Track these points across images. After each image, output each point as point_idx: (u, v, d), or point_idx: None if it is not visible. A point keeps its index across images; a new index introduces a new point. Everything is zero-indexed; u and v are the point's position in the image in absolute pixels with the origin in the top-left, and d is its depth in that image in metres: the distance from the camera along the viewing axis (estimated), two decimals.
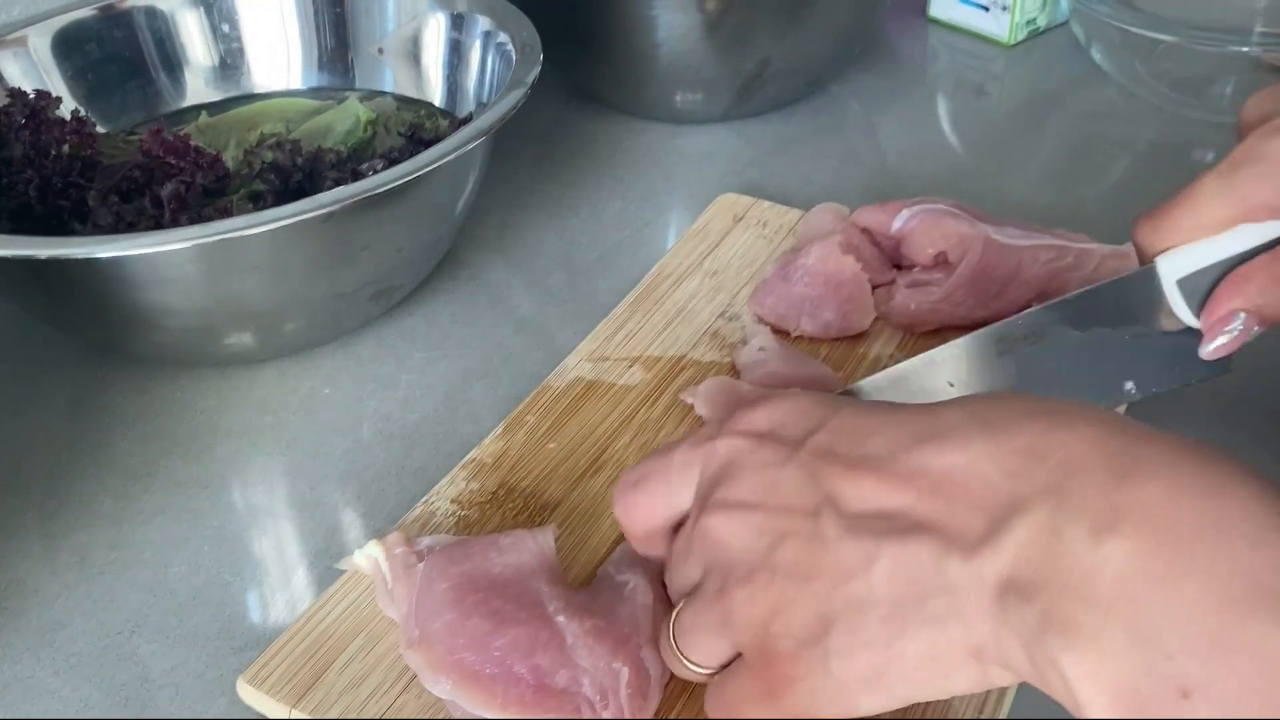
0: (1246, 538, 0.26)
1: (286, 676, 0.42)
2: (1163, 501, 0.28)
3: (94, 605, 0.47)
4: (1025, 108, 0.83)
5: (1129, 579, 0.27)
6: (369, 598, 0.44)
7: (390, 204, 0.53)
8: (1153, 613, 0.27)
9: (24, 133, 0.60)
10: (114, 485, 0.53)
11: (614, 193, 0.73)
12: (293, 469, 0.53)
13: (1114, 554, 0.27)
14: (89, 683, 0.44)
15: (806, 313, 0.57)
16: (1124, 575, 0.27)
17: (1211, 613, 0.26)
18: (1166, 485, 0.28)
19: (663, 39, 0.73)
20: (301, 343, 0.59)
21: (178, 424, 0.56)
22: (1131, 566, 0.27)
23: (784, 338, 0.58)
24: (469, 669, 0.39)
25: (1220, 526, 0.27)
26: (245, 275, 0.51)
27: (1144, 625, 0.27)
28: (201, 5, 0.71)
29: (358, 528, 0.50)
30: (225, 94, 0.72)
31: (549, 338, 0.61)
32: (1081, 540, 0.28)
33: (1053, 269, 0.58)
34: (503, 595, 0.41)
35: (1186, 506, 0.27)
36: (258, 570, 0.48)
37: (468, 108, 0.68)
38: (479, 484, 0.50)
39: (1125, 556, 0.27)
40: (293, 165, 0.59)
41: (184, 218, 0.57)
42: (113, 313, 0.53)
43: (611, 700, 0.39)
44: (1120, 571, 0.27)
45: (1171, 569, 0.27)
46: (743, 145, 0.78)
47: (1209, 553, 0.27)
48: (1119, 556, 0.27)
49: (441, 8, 0.69)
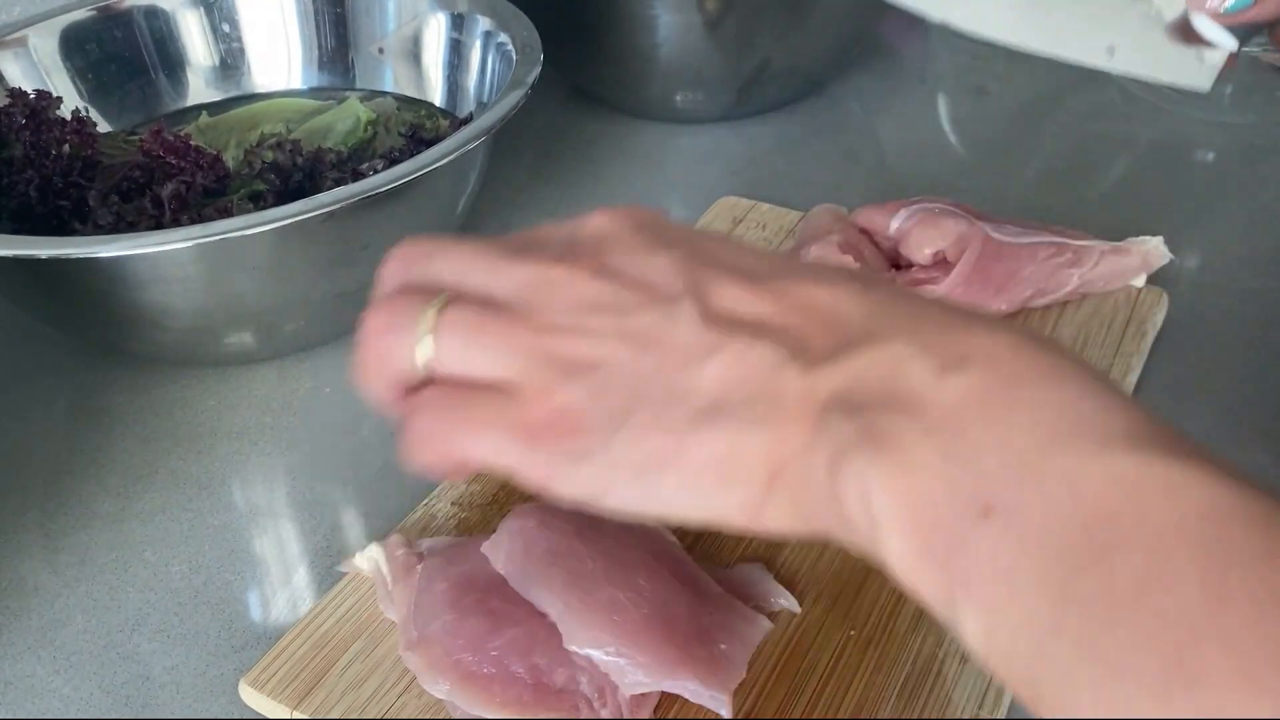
0: (1076, 384, 0.27)
1: (288, 678, 0.42)
2: (1008, 351, 0.29)
3: (95, 604, 0.47)
4: (1025, 108, 0.83)
5: (961, 409, 0.28)
6: (370, 600, 0.44)
7: (390, 204, 0.53)
8: (974, 437, 0.27)
9: (24, 133, 0.60)
10: (114, 485, 0.53)
11: (614, 193, 0.73)
12: (293, 468, 0.53)
13: (953, 387, 0.28)
14: (90, 681, 0.44)
15: None
16: (957, 406, 0.28)
17: (1032, 444, 0.26)
18: (1014, 341, 0.29)
19: (663, 39, 0.73)
20: (301, 343, 0.59)
21: (178, 424, 0.56)
22: (966, 399, 0.28)
23: None
24: (467, 669, 0.40)
25: (1056, 374, 0.28)
26: (245, 275, 0.52)
27: (962, 448, 0.27)
28: (202, 5, 0.71)
29: (358, 527, 0.50)
30: (225, 94, 0.72)
31: None
32: (925, 374, 0.28)
33: (1051, 266, 0.58)
34: (501, 595, 0.41)
35: (1027, 358, 0.28)
36: (258, 569, 0.48)
37: (468, 108, 0.68)
38: (479, 486, 0.50)
39: (962, 390, 0.28)
40: (293, 165, 0.59)
41: (184, 218, 0.57)
42: (113, 313, 0.53)
43: (610, 699, 0.39)
44: (954, 402, 0.28)
45: (1003, 403, 0.27)
46: (743, 145, 0.78)
47: (1041, 394, 0.27)
48: (957, 390, 0.28)
49: (442, 8, 0.69)
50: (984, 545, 0.26)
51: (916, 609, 0.44)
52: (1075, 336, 0.57)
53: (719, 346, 0.31)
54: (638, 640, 0.39)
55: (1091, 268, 0.59)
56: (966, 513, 0.26)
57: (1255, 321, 0.60)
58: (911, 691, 0.41)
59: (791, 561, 0.46)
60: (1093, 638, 0.24)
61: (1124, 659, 0.23)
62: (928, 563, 0.27)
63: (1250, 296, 0.61)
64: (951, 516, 0.26)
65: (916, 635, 0.43)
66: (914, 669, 0.42)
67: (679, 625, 0.40)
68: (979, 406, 0.27)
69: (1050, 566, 0.25)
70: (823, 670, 0.42)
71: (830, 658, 0.42)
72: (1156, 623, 0.23)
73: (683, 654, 0.39)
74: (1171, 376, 0.56)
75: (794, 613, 0.44)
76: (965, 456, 0.27)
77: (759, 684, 0.41)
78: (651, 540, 0.43)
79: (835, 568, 0.46)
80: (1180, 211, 0.69)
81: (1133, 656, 0.23)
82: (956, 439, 0.27)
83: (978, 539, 0.26)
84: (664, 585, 0.40)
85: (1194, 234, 0.66)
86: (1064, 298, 0.59)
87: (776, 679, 0.41)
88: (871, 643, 0.43)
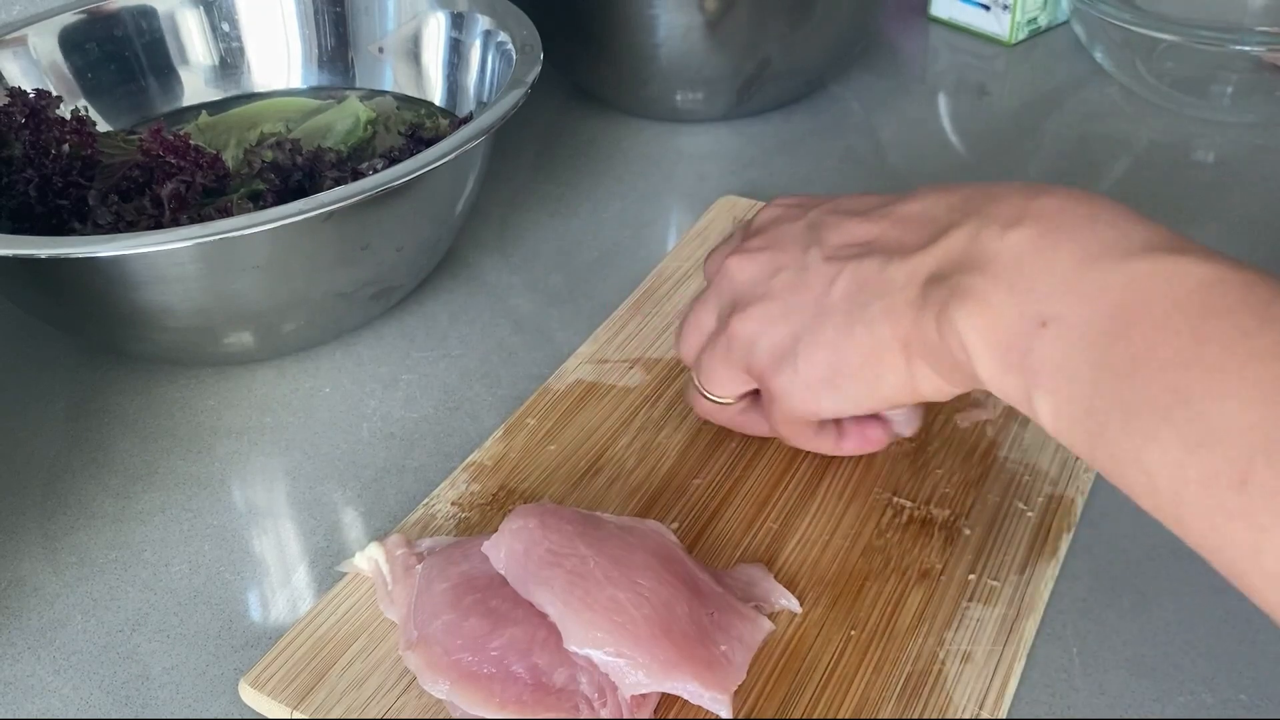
0: (1108, 218, 0.36)
1: (288, 678, 0.42)
2: (1055, 206, 0.37)
3: (94, 604, 0.47)
4: (1026, 107, 0.83)
5: (1020, 255, 0.36)
6: (370, 600, 0.44)
7: (390, 203, 0.53)
8: (1029, 272, 0.35)
9: (24, 132, 0.60)
10: (114, 485, 0.53)
11: (614, 193, 0.73)
12: (293, 468, 0.53)
13: (1013, 240, 0.36)
14: (89, 681, 0.44)
15: None
16: (1017, 254, 0.36)
17: (1072, 266, 0.35)
18: (1060, 198, 0.37)
19: (663, 39, 0.73)
20: (301, 343, 0.59)
21: (178, 424, 0.56)
22: (1023, 247, 0.36)
23: None
24: (466, 669, 0.40)
25: (1091, 215, 0.36)
26: (245, 275, 0.52)
27: (1021, 282, 0.36)
28: (201, 5, 0.71)
29: (358, 527, 0.50)
30: (225, 93, 0.72)
31: (549, 337, 0.61)
32: (992, 235, 0.37)
33: None
34: (501, 595, 0.41)
35: (1070, 208, 0.36)
36: (258, 569, 0.48)
37: (468, 107, 0.68)
38: (480, 486, 0.50)
39: (1020, 241, 0.36)
40: (293, 165, 0.59)
41: (184, 217, 0.57)
42: (113, 313, 0.53)
43: (610, 699, 0.39)
44: (1015, 251, 0.36)
45: (1050, 244, 0.36)
46: (743, 145, 0.78)
47: (1080, 232, 0.35)
48: (1018, 242, 0.36)
49: (442, 7, 0.69)
50: (1044, 349, 0.34)
51: (917, 609, 0.44)
52: None
53: (839, 272, 0.41)
54: (638, 641, 0.39)
55: None
56: (1029, 328, 0.35)
57: None
58: (911, 691, 0.41)
59: (791, 561, 0.46)
60: (1120, 393, 0.32)
61: (1141, 400, 0.32)
62: (1007, 372, 0.36)
63: None
64: (1019, 334, 0.35)
65: (916, 635, 0.43)
66: (914, 669, 0.42)
67: (679, 626, 0.40)
68: (1033, 250, 0.36)
69: (1092, 353, 0.33)
70: (823, 670, 0.42)
71: (830, 658, 0.42)
72: (1159, 369, 0.32)
73: (683, 655, 0.39)
74: None
75: (794, 613, 0.44)
76: (1024, 287, 0.35)
77: (759, 684, 0.41)
78: (652, 540, 0.43)
79: (835, 568, 0.46)
80: (1180, 211, 0.69)
81: (1146, 395, 0.32)
82: (1017, 276, 0.36)
83: (1039, 345, 0.35)
84: (664, 586, 0.40)
85: (1194, 234, 0.65)
86: None
87: (776, 679, 0.41)
88: (871, 643, 0.43)
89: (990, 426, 0.52)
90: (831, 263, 0.42)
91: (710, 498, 0.49)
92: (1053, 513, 0.48)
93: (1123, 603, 0.45)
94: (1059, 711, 0.41)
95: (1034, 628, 0.43)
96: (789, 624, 0.43)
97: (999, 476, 0.50)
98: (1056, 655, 0.43)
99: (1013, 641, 0.43)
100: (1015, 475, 0.50)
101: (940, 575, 0.45)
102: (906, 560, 0.46)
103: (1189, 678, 0.42)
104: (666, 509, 0.49)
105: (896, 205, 0.42)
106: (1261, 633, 0.44)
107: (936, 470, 0.50)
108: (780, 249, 0.44)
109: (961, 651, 0.42)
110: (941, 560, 0.46)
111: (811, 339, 0.42)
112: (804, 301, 0.42)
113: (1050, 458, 0.50)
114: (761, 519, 0.48)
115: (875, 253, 0.41)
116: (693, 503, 0.49)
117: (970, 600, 0.44)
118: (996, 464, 0.50)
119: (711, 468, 0.50)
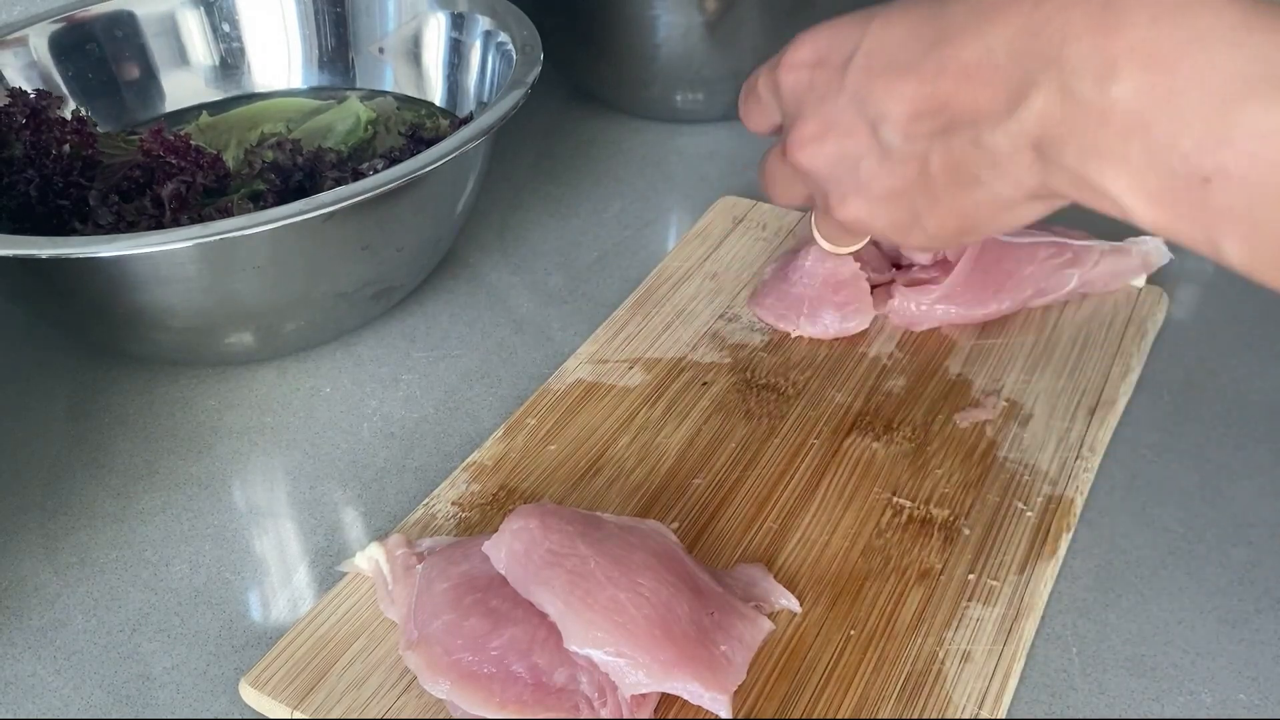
0: (1225, 42, 0.31)
1: (289, 678, 0.42)
2: (1146, 40, 0.32)
3: (95, 604, 0.47)
4: None
5: (1136, 110, 0.33)
6: (370, 600, 0.44)
7: (390, 204, 0.53)
8: (1162, 128, 0.32)
9: (24, 132, 0.60)
10: (115, 485, 0.53)
11: (614, 193, 0.73)
12: (293, 468, 0.53)
13: (1120, 93, 0.33)
14: (90, 681, 0.44)
15: (806, 314, 0.57)
16: (1132, 108, 0.33)
17: (1211, 114, 0.31)
18: (1145, 25, 0.33)
19: (663, 39, 0.73)
20: (301, 343, 0.59)
21: (178, 424, 0.56)
22: (1136, 100, 0.33)
23: (784, 340, 0.58)
24: (467, 669, 0.40)
25: (1201, 42, 0.32)
26: (246, 275, 0.52)
27: (1157, 140, 0.32)
28: (202, 5, 0.71)
29: (358, 527, 0.50)
30: (226, 94, 0.72)
31: (549, 337, 0.61)
32: (1089, 92, 0.33)
33: (1051, 266, 0.58)
34: (501, 595, 0.41)
35: (1167, 37, 0.32)
36: (258, 569, 0.48)
37: (468, 107, 0.68)
38: (480, 486, 0.50)
39: (1129, 93, 0.33)
40: (293, 165, 0.59)
41: (184, 217, 0.57)
42: (113, 313, 0.53)
43: (610, 699, 0.39)
44: (1128, 106, 0.33)
45: (1168, 90, 0.32)
46: (743, 145, 0.78)
47: (1196, 67, 0.31)
48: (1124, 94, 0.33)
49: (442, 7, 0.69)
50: (1218, 202, 0.32)
51: (916, 609, 0.44)
52: (1075, 336, 0.57)
53: (928, 153, 0.39)
54: (638, 641, 0.39)
55: (1091, 268, 0.59)
56: (1189, 184, 0.32)
57: (1255, 321, 0.60)
58: (911, 691, 0.41)
59: (791, 561, 0.46)
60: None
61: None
62: (1180, 222, 0.33)
63: (1250, 296, 0.61)
64: (1180, 189, 0.33)
65: (916, 635, 0.43)
66: (914, 669, 0.42)
67: (679, 626, 0.40)
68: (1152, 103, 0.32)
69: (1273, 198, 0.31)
70: (822, 670, 0.42)
71: (830, 657, 0.42)
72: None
73: (683, 655, 0.39)
74: (1171, 376, 0.56)
75: (794, 612, 0.44)
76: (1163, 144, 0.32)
77: (759, 684, 0.41)
78: (652, 540, 0.43)
79: (835, 568, 0.46)
80: None
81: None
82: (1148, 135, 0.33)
83: (1212, 199, 0.32)
84: (665, 586, 0.41)
85: None
86: (1064, 298, 0.59)
87: (776, 679, 0.42)
88: (871, 642, 0.43)
89: (990, 426, 0.52)
90: (913, 141, 0.40)
91: (710, 498, 0.49)
92: (1052, 513, 0.48)
93: (1122, 603, 0.45)
94: (1058, 711, 0.42)
95: (1033, 628, 0.44)
96: (789, 624, 0.43)
97: (998, 476, 0.50)
98: (1056, 655, 0.43)
99: (1012, 641, 0.43)
100: (1015, 475, 0.50)
101: (940, 575, 0.45)
102: (906, 560, 0.46)
103: (1189, 678, 0.42)
104: (666, 509, 0.49)
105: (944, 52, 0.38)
106: (1261, 633, 0.44)
107: (936, 470, 0.50)
108: (843, 133, 0.42)
109: (961, 651, 0.42)
110: (941, 560, 0.46)
111: (930, 210, 0.41)
112: (903, 186, 0.41)
113: (1050, 458, 0.50)
114: (761, 519, 0.48)
115: (958, 125, 0.38)
116: (693, 503, 0.49)
117: (970, 600, 0.44)
118: (996, 464, 0.50)
119: (711, 468, 0.50)
